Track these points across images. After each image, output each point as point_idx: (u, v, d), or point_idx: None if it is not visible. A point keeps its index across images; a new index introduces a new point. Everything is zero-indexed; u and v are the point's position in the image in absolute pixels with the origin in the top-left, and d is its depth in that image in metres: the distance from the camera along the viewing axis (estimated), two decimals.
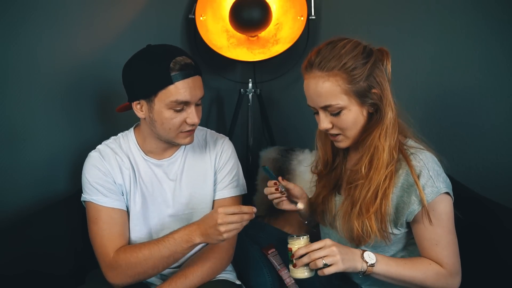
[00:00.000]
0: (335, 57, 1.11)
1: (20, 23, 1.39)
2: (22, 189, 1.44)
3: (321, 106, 1.14)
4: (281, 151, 1.99)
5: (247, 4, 1.99)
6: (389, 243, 1.17)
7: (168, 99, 1.20)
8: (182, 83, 1.20)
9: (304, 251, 1.06)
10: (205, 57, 2.15)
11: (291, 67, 2.15)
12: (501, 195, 1.42)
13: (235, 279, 1.38)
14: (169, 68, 1.18)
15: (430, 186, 1.10)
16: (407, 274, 1.10)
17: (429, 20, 1.73)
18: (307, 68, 1.15)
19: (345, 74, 1.10)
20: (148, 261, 1.20)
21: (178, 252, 1.19)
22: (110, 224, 1.26)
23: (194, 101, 1.23)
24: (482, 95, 1.61)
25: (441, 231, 1.11)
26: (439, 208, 1.11)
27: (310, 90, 1.14)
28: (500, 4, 1.55)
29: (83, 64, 1.60)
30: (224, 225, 1.10)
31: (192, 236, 1.16)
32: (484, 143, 1.62)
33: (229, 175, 1.39)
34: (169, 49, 1.24)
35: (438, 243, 1.11)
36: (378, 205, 1.13)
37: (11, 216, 1.40)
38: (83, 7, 1.59)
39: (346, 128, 1.14)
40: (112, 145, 1.34)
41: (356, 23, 1.97)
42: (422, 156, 1.13)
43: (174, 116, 1.22)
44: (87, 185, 1.28)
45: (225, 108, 2.40)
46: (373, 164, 1.13)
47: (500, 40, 1.56)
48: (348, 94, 1.11)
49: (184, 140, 1.28)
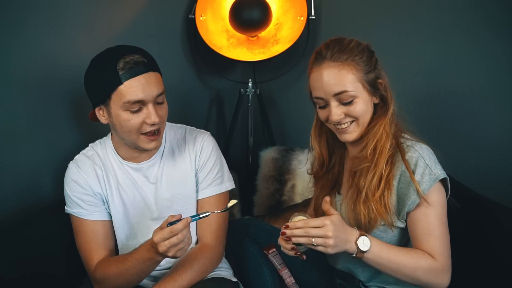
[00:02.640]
0: (347, 49, 1.15)
1: (20, 23, 1.39)
2: (19, 190, 1.44)
3: (335, 93, 1.15)
4: (281, 151, 1.99)
5: (247, 4, 1.99)
6: (395, 230, 1.17)
7: (121, 101, 1.15)
8: (132, 82, 1.14)
9: (301, 224, 1.07)
10: (205, 57, 2.15)
11: (291, 67, 2.14)
12: (501, 195, 1.42)
13: (231, 276, 1.37)
14: (117, 68, 1.14)
15: (428, 174, 1.12)
16: (398, 261, 1.10)
17: (429, 21, 1.73)
18: (318, 60, 1.17)
19: (358, 65, 1.15)
20: (119, 277, 1.19)
21: (144, 269, 1.17)
22: (92, 237, 1.27)
23: (149, 99, 1.17)
24: (482, 95, 1.61)
25: (435, 221, 1.12)
26: (435, 197, 1.12)
27: (323, 79, 1.15)
28: (500, 5, 1.55)
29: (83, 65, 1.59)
30: (168, 251, 1.07)
31: (151, 255, 1.12)
32: (484, 143, 1.62)
33: (212, 173, 1.35)
34: (118, 49, 1.20)
35: (431, 233, 1.12)
36: (382, 190, 1.14)
37: (10, 217, 1.40)
38: (83, 8, 1.59)
39: (359, 115, 1.17)
40: (90, 153, 1.33)
41: (356, 23, 1.97)
42: (417, 147, 1.15)
43: (132, 117, 1.17)
44: (68, 198, 1.30)
45: (225, 108, 2.40)
46: (377, 150, 1.16)
47: (500, 41, 1.56)
48: (362, 82, 1.15)
49: (147, 144, 1.22)
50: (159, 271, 1.33)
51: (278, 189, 1.95)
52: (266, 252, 1.44)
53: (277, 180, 1.95)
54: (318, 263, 1.44)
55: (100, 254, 1.26)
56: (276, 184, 1.95)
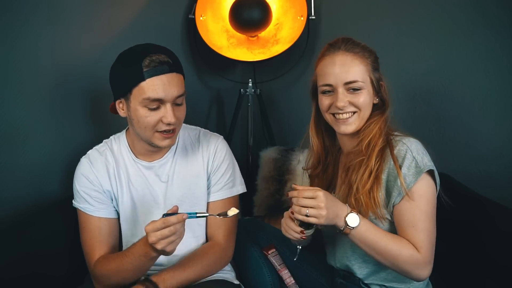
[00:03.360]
0: (359, 46, 1.21)
1: (21, 23, 1.39)
2: (20, 189, 1.44)
3: (346, 81, 1.19)
4: (281, 151, 1.99)
5: (247, 4, 1.99)
6: (385, 223, 1.19)
7: (141, 97, 1.18)
8: (154, 80, 1.17)
9: (295, 194, 1.09)
10: (205, 57, 2.15)
11: (291, 67, 2.14)
12: (501, 195, 1.42)
13: (234, 279, 1.38)
14: (142, 65, 1.16)
15: (414, 167, 1.13)
16: (382, 245, 1.11)
17: (429, 21, 1.73)
18: (333, 48, 1.21)
19: (368, 60, 1.21)
20: (117, 274, 1.20)
21: (141, 266, 1.16)
22: (96, 233, 1.28)
23: (169, 99, 1.19)
24: (482, 95, 1.61)
25: (420, 214, 1.13)
26: (421, 190, 1.13)
27: (335, 65, 1.19)
28: (500, 5, 1.55)
29: (83, 65, 1.60)
30: (158, 243, 1.05)
31: (147, 250, 1.11)
32: (483, 143, 1.62)
33: (224, 176, 1.36)
34: (146, 47, 1.22)
35: (415, 226, 1.12)
36: (372, 184, 1.17)
37: (10, 217, 1.40)
38: (84, 8, 1.59)
39: (363, 106, 1.20)
40: (102, 149, 1.35)
41: (356, 23, 1.97)
42: (405, 140, 1.18)
43: (149, 114, 1.20)
44: (76, 193, 1.31)
45: (225, 108, 2.40)
46: (370, 146, 1.19)
47: (500, 41, 1.56)
48: (370, 77, 1.21)
49: (161, 142, 1.24)
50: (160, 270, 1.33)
51: (278, 189, 1.95)
52: (266, 253, 1.44)
53: (277, 180, 1.95)
54: (317, 263, 1.45)
55: (101, 251, 1.26)
56: (276, 184, 1.95)
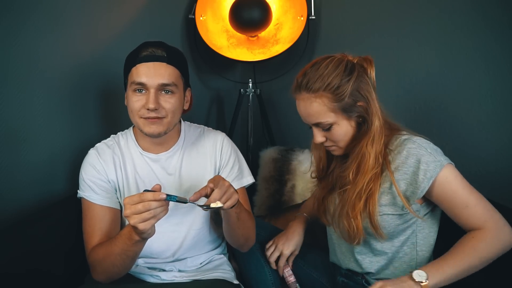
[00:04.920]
0: (319, 78, 1.18)
1: (21, 23, 1.39)
2: (23, 188, 1.44)
3: (312, 124, 1.23)
4: (281, 151, 2.00)
5: (247, 4, 1.99)
6: (382, 240, 1.22)
7: (130, 80, 1.27)
8: (142, 66, 1.25)
9: None
10: (205, 57, 2.15)
11: (291, 67, 2.14)
12: (502, 196, 1.42)
13: (233, 278, 1.38)
14: (138, 54, 1.26)
15: (433, 161, 1.14)
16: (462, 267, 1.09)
17: (429, 21, 1.73)
18: (296, 90, 1.23)
19: (330, 94, 1.17)
20: (106, 259, 1.19)
21: (126, 249, 1.14)
22: (96, 221, 1.29)
23: (151, 84, 1.25)
24: (482, 96, 1.61)
25: (463, 191, 1.14)
26: (450, 175, 1.15)
27: (301, 111, 1.23)
28: (500, 6, 1.55)
29: (83, 64, 1.60)
30: (131, 217, 1.03)
31: (130, 232, 1.10)
32: (484, 144, 1.62)
33: (233, 170, 1.41)
34: (152, 42, 1.30)
35: (468, 205, 1.13)
36: (363, 205, 1.19)
37: (12, 216, 1.40)
38: (84, 7, 1.59)
39: (338, 140, 1.23)
40: (110, 143, 1.40)
41: (356, 23, 1.97)
42: (415, 138, 1.19)
43: (136, 98, 1.26)
44: (82, 182, 1.33)
45: (225, 108, 2.40)
46: (360, 170, 1.21)
47: (500, 42, 1.56)
48: (335, 111, 1.19)
49: (146, 127, 1.28)
50: (165, 264, 1.36)
51: (278, 190, 1.95)
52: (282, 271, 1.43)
53: (277, 180, 1.96)
54: (318, 263, 1.45)
55: (98, 239, 1.27)
56: (276, 185, 1.95)
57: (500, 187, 1.55)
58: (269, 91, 2.30)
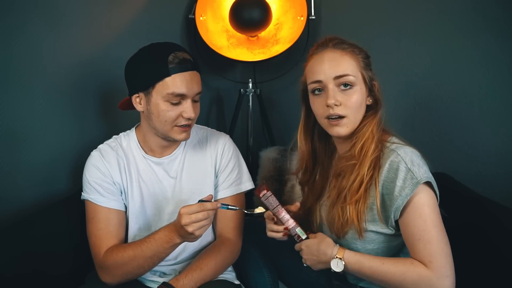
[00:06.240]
0: (347, 43, 1.18)
1: (21, 24, 1.39)
2: (24, 189, 1.44)
3: (336, 76, 1.14)
4: (281, 151, 1.99)
5: (247, 4, 1.99)
6: (361, 238, 1.16)
7: (165, 91, 1.23)
8: (179, 76, 1.23)
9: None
10: (205, 57, 2.15)
11: (291, 67, 2.14)
12: (502, 196, 1.42)
13: (234, 279, 1.39)
14: (168, 61, 1.22)
15: (410, 178, 1.07)
16: (381, 273, 1.09)
17: (429, 21, 1.73)
18: (320, 47, 1.20)
19: (361, 58, 1.18)
20: (133, 261, 1.21)
21: (161, 252, 1.20)
22: (105, 224, 1.28)
23: (190, 95, 1.25)
24: (482, 96, 1.61)
25: (423, 224, 1.06)
26: (420, 199, 1.07)
27: (324, 62, 1.16)
28: (500, 7, 1.55)
29: (84, 64, 1.60)
30: (190, 226, 1.11)
31: (172, 236, 1.17)
32: (484, 144, 1.62)
33: (231, 175, 1.40)
34: (169, 45, 1.28)
35: (420, 238, 1.06)
36: (361, 195, 1.14)
37: (12, 216, 1.40)
38: (84, 7, 1.59)
39: (352, 107, 1.15)
40: (113, 144, 1.38)
41: (356, 23, 1.97)
42: (400, 151, 1.11)
43: (170, 108, 1.25)
44: (86, 184, 1.31)
45: (225, 108, 2.40)
46: (363, 150, 1.16)
47: (500, 42, 1.56)
48: (362, 73, 1.17)
49: (179, 135, 1.29)
50: (167, 267, 1.36)
51: (278, 189, 1.95)
52: (258, 196, 1.31)
53: (277, 180, 1.95)
54: None
55: (110, 242, 1.27)
56: (276, 184, 1.95)
57: (500, 187, 1.55)
58: (269, 91, 2.30)
